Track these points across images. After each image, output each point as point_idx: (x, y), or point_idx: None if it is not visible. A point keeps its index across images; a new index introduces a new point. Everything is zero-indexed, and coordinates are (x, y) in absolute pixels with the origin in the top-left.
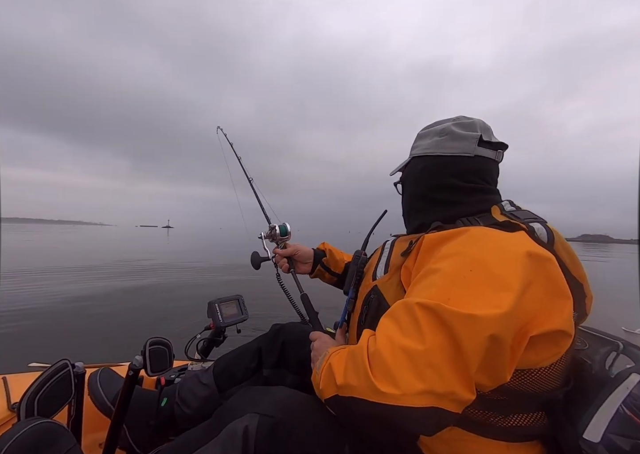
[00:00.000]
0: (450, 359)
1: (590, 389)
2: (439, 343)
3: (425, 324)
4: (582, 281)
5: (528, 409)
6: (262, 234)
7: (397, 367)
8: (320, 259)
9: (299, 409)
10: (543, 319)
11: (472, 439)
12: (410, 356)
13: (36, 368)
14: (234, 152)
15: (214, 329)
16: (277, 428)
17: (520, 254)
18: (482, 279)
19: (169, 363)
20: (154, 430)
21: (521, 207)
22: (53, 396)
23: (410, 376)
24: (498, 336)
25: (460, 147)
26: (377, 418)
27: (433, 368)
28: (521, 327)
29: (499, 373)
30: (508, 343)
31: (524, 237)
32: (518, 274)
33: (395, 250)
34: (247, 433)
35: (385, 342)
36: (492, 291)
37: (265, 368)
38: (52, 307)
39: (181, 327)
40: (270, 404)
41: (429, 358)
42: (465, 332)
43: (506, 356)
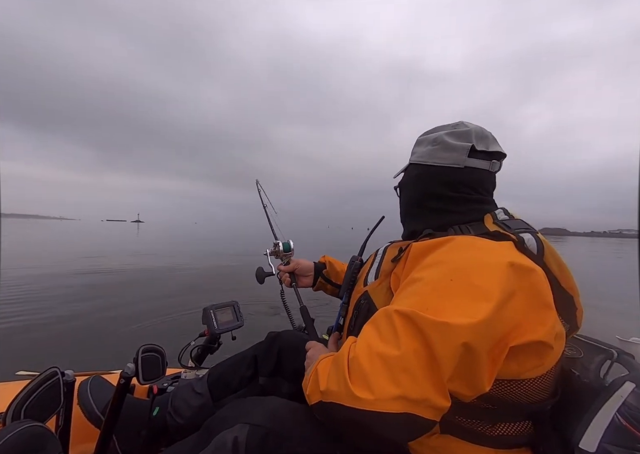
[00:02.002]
0: (424, 365)
1: (581, 398)
2: (413, 348)
3: (402, 331)
4: (573, 293)
5: (515, 419)
6: (267, 251)
7: (372, 372)
8: (320, 271)
9: (290, 419)
10: (524, 330)
11: (461, 446)
12: (386, 362)
13: (24, 376)
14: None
15: (208, 336)
16: (267, 438)
17: (502, 265)
18: (461, 289)
19: (162, 371)
20: (145, 440)
21: (515, 216)
22: (41, 406)
23: (385, 381)
24: (471, 344)
25: (451, 158)
26: (355, 424)
27: (407, 373)
28: (501, 337)
29: (477, 382)
30: (483, 352)
31: (510, 248)
32: (499, 285)
33: (386, 256)
34: (236, 444)
35: (363, 348)
36: (470, 301)
37: (261, 376)
38: (41, 313)
39: (175, 334)
40: (260, 415)
41: (403, 364)
42: (438, 339)
43: (482, 365)
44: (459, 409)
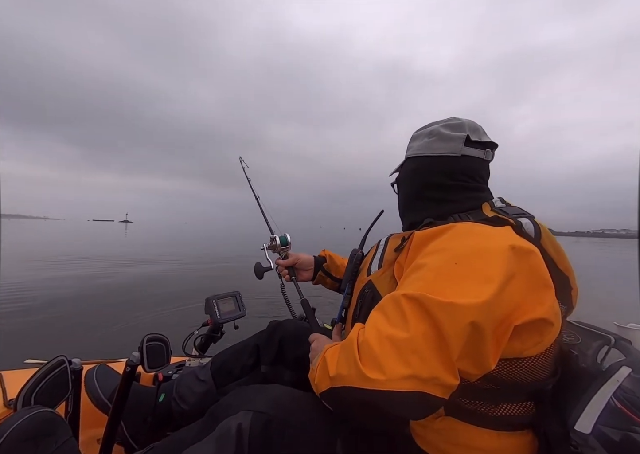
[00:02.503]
0: (433, 345)
1: (579, 380)
2: (422, 330)
3: (410, 314)
4: (568, 274)
5: (517, 399)
6: (264, 246)
7: (383, 354)
8: (320, 265)
9: (293, 406)
10: (526, 308)
11: (463, 428)
12: (395, 344)
13: (32, 364)
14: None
15: (211, 326)
16: (270, 424)
17: (503, 248)
18: (465, 272)
19: (167, 359)
20: (152, 426)
21: (511, 204)
22: (50, 393)
23: (395, 362)
24: (478, 323)
25: (448, 147)
26: (368, 405)
27: (417, 354)
28: (504, 317)
29: (483, 360)
30: (489, 331)
31: (509, 232)
32: (500, 267)
33: (389, 246)
34: (240, 430)
35: (372, 332)
36: (475, 283)
37: (263, 365)
38: (49, 303)
39: (179, 324)
40: (263, 402)
41: (412, 345)
42: (446, 319)
43: (488, 343)
44: (461, 390)
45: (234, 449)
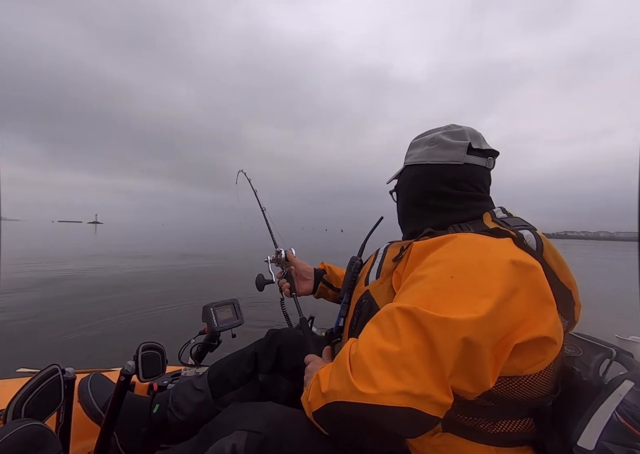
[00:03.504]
0: (425, 360)
1: (580, 395)
2: (414, 344)
3: (403, 327)
4: (571, 288)
5: (516, 416)
6: (268, 258)
7: (374, 368)
8: (321, 276)
9: (288, 424)
10: (528, 326)
11: (461, 444)
12: (386, 357)
13: (25, 373)
14: (252, 187)
15: (208, 334)
16: (265, 444)
17: (504, 262)
18: (463, 286)
19: (162, 369)
20: (145, 437)
21: (513, 214)
22: (41, 403)
23: (387, 376)
24: (472, 339)
25: (450, 155)
26: (360, 420)
27: (408, 369)
28: (504, 334)
29: (480, 378)
30: (485, 348)
31: (510, 245)
32: (500, 281)
33: (387, 256)
34: (235, 451)
35: (365, 345)
36: (472, 297)
37: (261, 373)
38: (41, 311)
39: (175, 332)
40: (258, 421)
41: (404, 359)
42: (439, 334)
43: (485, 361)
44: (460, 407)
45: None
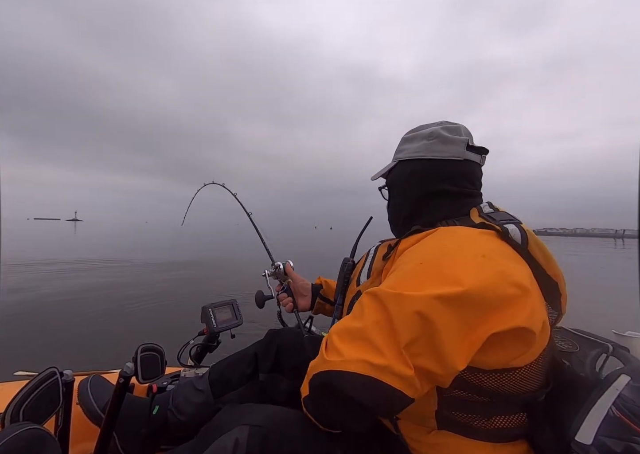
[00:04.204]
0: (384, 333)
1: (576, 391)
2: (374, 319)
3: (367, 307)
4: (557, 280)
5: (510, 411)
6: (266, 272)
7: (341, 343)
8: (318, 292)
9: (288, 421)
10: (503, 316)
11: (458, 442)
12: (351, 333)
13: (22, 376)
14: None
15: (207, 335)
16: (267, 437)
17: (475, 253)
18: (428, 271)
19: (161, 370)
20: (145, 439)
21: (499, 209)
22: (40, 406)
23: (351, 348)
24: (425, 314)
25: (451, 150)
26: (329, 387)
27: (369, 341)
28: (474, 321)
29: (446, 358)
30: (443, 325)
31: (490, 238)
32: (469, 271)
33: (377, 255)
34: (237, 445)
35: (336, 327)
36: (435, 281)
37: (261, 373)
38: (38, 313)
39: (174, 333)
40: (259, 417)
41: (366, 333)
42: (395, 308)
43: (448, 339)
44: (454, 404)
45: None
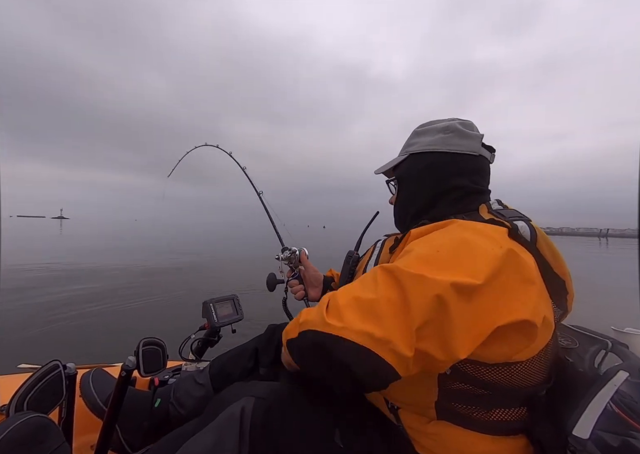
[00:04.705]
0: (396, 311)
1: (574, 385)
2: (388, 295)
3: (381, 281)
4: (565, 278)
5: (510, 405)
6: (280, 256)
7: (346, 308)
8: (329, 284)
9: (292, 396)
10: (509, 309)
11: (457, 433)
12: (360, 303)
13: (26, 369)
14: (237, 163)
15: (208, 329)
16: (271, 409)
17: (495, 245)
18: (446, 260)
19: (163, 364)
20: (147, 431)
21: (508, 206)
22: (43, 398)
23: (355, 317)
24: (445, 299)
25: (467, 145)
26: (321, 347)
27: (376, 315)
28: (483, 313)
29: (450, 344)
30: (458, 313)
31: (503, 234)
32: (486, 264)
33: (384, 248)
34: (243, 413)
35: (343, 292)
36: (453, 270)
37: (262, 367)
38: (42, 307)
39: (175, 327)
40: (264, 390)
41: (375, 306)
42: (414, 289)
43: (457, 326)
44: (455, 396)
45: (237, 438)
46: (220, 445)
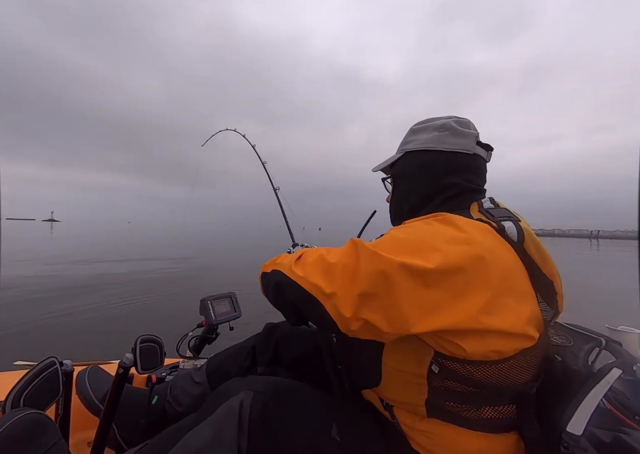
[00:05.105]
0: (346, 275)
1: (569, 384)
2: (345, 262)
3: (345, 251)
4: (553, 279)
5: (500, 402)
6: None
7: (311, 264)
8: None
9: (290, 391)
10: (461, 306)
11: (448, 430)
12: (323, 262)
13: (22, 366)
14: (258, 156)
15: (206, 327)
16: (270, 403)
17: (464, 239)
18: (410, 244)
19: (160, 361)
20: (144, 429)
21: (500, 205)
22: (40, 395)
23: (316, 272)
24: (389, 274)
25: (462, 143)
26: (281, 286)
27: (330, 274)
28: (439, 301)
29: (395, 317)
30: (401, 288)
31: (487, 233)
32: (445, 253)
33: None
34: (242, 407)
35: (314, 251)
36: (410, 254)
37: (260, 366)
38: (39, 304)
39: (173, 325)
40: (263, 385)
41: (333, 268)
42: (365, 262)
43: (402, 301)
44: (444, 394)
45: (236, 431)
46: (219, 439)
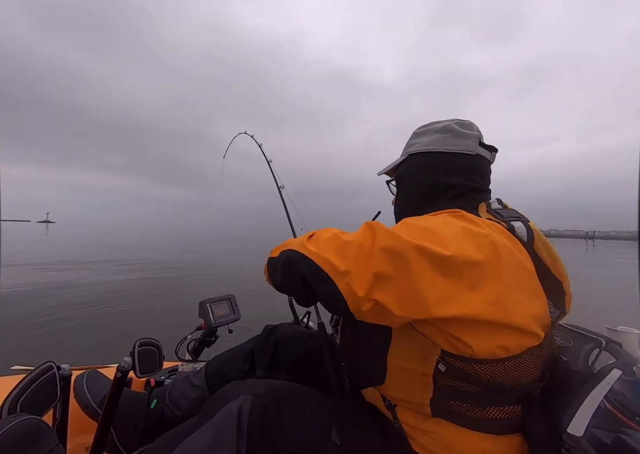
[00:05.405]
0: (361, 254)
1: (568, 384)
2: (361, 241)
3: (361, 231)
4: (562, 279)
5: (504, 403)
6: None
7: (325, 241)
8: None
9: (290, 394)
10: (470, 297)
11: (453, 430)
12: (337, 240)
13: (19, 370)
14: (264, 155)
15: (205, 330)
16: (269, 408)
17: (484, 233)
18: (427, 233)
19: (159, 364)
20: (143, 433)
21: (508, 206)
22: (37, 399)
23: (329, 249)
24: (406, 256)
25: (463, 144)
26: (292, 262)
27: (344, 252)
28: (451, 285)
29: (412, 299)
30: (417, 271)
31: (500, 231)
32: (462, 242)
33: None
34: (241, 411)
35: (328, 229)
36: (428, 239)
37: (259, 369)
38: (36, 308)
39: (171, 328)
40: (262, 388)
41: (348, 247)
42: (382, 241)
43: (416, 284)
44: (449, 393)
45: (235, 435)
46: (218, 443)
